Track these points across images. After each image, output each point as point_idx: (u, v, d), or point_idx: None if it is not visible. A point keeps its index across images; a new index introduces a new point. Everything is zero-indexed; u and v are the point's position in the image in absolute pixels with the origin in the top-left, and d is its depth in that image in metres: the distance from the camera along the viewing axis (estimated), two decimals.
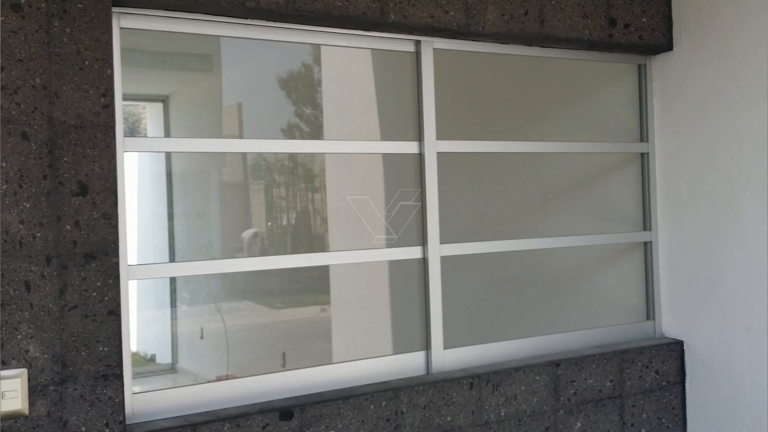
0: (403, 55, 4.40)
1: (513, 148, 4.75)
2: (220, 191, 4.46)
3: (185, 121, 4.39)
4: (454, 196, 4.56)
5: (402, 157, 4.42)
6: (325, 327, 4.56)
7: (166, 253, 4.32)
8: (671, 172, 5.05)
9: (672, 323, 5.10)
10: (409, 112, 4.42)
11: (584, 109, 5.15)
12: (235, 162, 4.37)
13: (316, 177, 4.50)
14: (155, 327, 4.49)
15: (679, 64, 4.98)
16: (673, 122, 5.03)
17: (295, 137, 4.34)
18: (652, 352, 4.90)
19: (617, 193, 5.22)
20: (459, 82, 4.66)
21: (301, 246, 4.47)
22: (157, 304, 4.39)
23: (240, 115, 4.31)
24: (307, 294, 4.51)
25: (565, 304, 5.08)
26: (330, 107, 4.44)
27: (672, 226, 5.06)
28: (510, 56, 4.74)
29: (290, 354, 4.37)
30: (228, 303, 4.39)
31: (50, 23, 3.29)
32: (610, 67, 5.17)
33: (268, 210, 4.39)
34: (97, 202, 3.34)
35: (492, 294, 4.85)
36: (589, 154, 5.10)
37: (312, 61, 4.37)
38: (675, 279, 5.06)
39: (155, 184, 4.33)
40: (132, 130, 3.95)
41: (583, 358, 4.65)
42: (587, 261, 5.18)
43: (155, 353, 4.46)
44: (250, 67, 4.24)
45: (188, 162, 4.31)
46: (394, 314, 4.66)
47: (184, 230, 4.35)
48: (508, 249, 4.70)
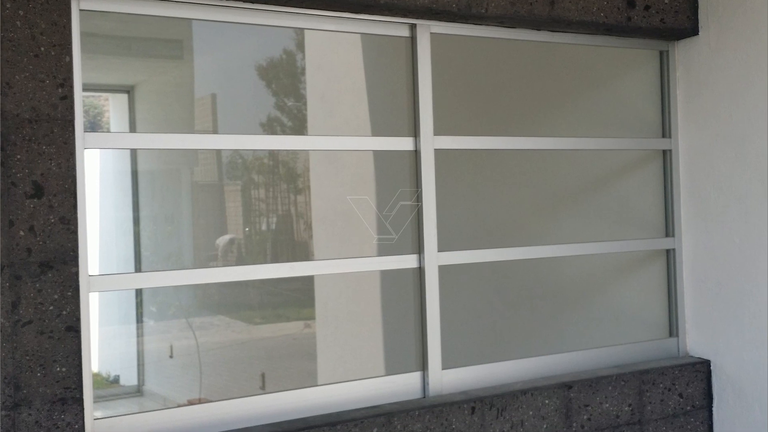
0: (396, 41, 4.42)
1: (519, 144, 4.77)
2: (191, 193, 4.49)
3: (153, 114, 4.42)
4: (453, 198, 4.58)
5: (396, 155, 4.43)
6: (310, 345, 4.59)
7: (131, 261, 4.35)
8: (697, 171, 5.08)
9: (698, 340, 5.12)
10: (404, 104, 4.43)
11: (599, 101, 5.18)
12: (209, 160, 4.40)
13: (299, 177, 4.54)
14: (119, 345, 4.52)
15: (705, 50, 5.00)
16: (699, 115, 5.06)
17: (275, 132, 4.38)
18: (675, 373, 4.93)
19: (636, 195, 5.25)
20: (459, 70, 4.69)
21: (283, 254, 4.50)
22: (122, 319, 4.42)
23: (214, 107, 4.34)
24: (290, 308, 4.54)
25: (578, 318, 5.11)
26: (315, 99, 4.47)
27: (698, 231, 5.09)
28: (516, 42, 4.76)
29: (270, 375, 4.41)
30: (201, 318, 4.42)
31: (2, 4, 3.30)
32: (628, 53, 5.20)
33: (246, 214, 4.42)
34: (54, 205, 3.37)
35: (496, 308, 4.88)
36: (604, 152, 5.12)
37: (295, 48, 4.40)
38: (701, 291, 5.08)
39: (119, 184, 4.36)
40: (93, 124, 3.98)
41: (598, 380, 4.68)
42: (603, 271, 5.21)
43: (119, 374, 4.49)
44: (225, 54, 4.27)
45: (156, 160, 4.34)
46: (387, 330, 4.69)
47: (151, 236, 4.38)
48: (514, 257, 4.71)
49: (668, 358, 5.12)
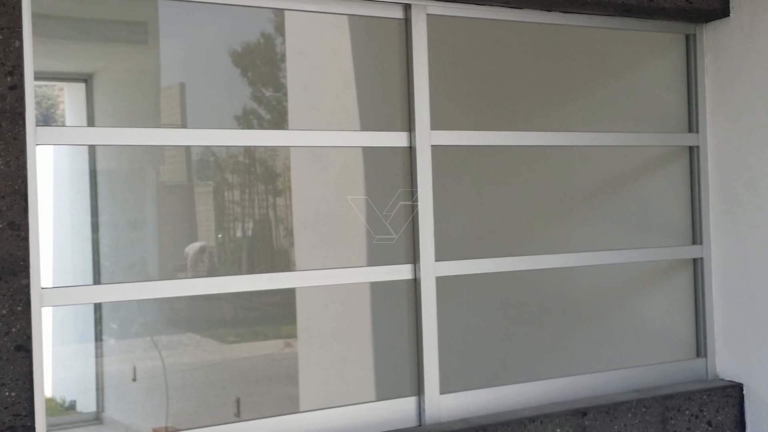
0: (389, 23, 4.43)
1: (527, 140, 4.78)
2: (157, 195, 4.51)
3: (114, 106, 4.44)
4: (453, 201, 4.60)
5: (388, 152, 4.45)
6: (291, 366, 4.61)
7: (89, 272, 4.37)
8: (728, 170, 5.10)
9: (729, 361, 5.14)
10: (397, 94, 4.45)
11: (617, 91, 5.20)
12: (177, 158, 4.42)
13: (278, 177, 4.56)
14: (76, 366, 4.53)
15: (737, 33, 5.02)
16: (730, 107, 5.08)
17: (252, 127, 4.40)
18: (703, 398, 4.95)
19: (659, 197, 5.27)
20: (459, 57, 4.71)
21: (261, 264, 4.52)
22: (78, 337, 4.44)
23: (183, 98, 4.36)
24: (268, 324, 4.56)
25: (593, 337, 5.13)
26: (296, 89, 4.49)
27: (728, 238, 5.11)
28: (523, 24, 4.77)
29: (246, 400, 4.42)
30: (168, 336, 4.44)
31: None
32: (650, 38, 5.23)
33: (219, 218, 4.44)
34: (3, 208, 3.38)
35: (501, 324, 4.89)
36: (623, 148, 5.15)
37: (274, 31, 4.43)
38: (732, 305, 5.10)
39: (76, 185, 4.38)
40: (46, 117, 4.00)
41: (617, 406, 4.69)
42: (621, 283, 5.23)
43: (75, 399, 4.50)
44: (195, 38, 4.29)
45: (117, 158, 4.36)
46: (378, 350, 4.71)
47: (112, 244, 4.39)
48: (521, 267, 4.73)
49: (695, 382, 5.13)
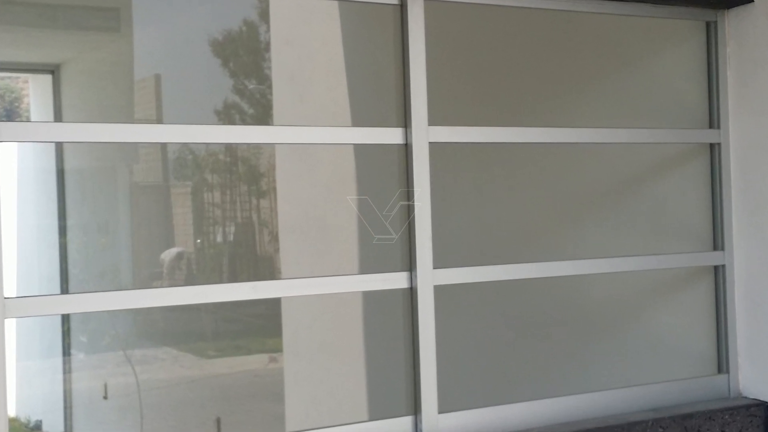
0: (382, 9, 4.44)
1: (532, 137, 4.77)
2: (131, 196, 4.52)
3: (83, 99, 4.45)
4: (452, 202, 4.62)
5: (382, 150, 4.46)
6: (276, 383, 4.62)
7: (56, 281, 4.37)
8: (752, 170, 5.10)
9: (753, 378, 5.16)
10: (392, 87, 4.46)
11: (631, 84, 5.22)
12: (152, 156, 4.43)
13: (263, 176, 4.57)
14: (42, 383, 4.54)
15: (762, 20, 5.03)
16: (754, 101, 5.08)
17: (234, 122, 4.41)
18: (725, 417, 4.96)
19: (677, 199, 5.29)
20: (459, 46, 4.73)
21: (243, 271, 4.53)
22: (45, 351, 4.44)
23: (158, 91, 4.37)
24: (251, 338, 4.57)
25: (605, 351, 5.14)
26: (282, 81, 4.50)
27: (753, 243, 5.11)
28: (529, 10, 4.76)
29: (227, 420, 4.43)
30: (142, 350, 4.44)
31: None
32: (667, 25, 5.24)
33: (197, 222, 4.45)
34: None
35: (504, 337, 4.91)
36: (637, 146, 5.16)
37: (257, 18, 4.44)
38: (757, 317, 5.11)
39: (42, 186, 4.38)
40: (9, 112, 4.01)
41: (631, 426, 4.71)
42: (636, 292, 5.25)
43: (42, 419, 4.51)
44: (172, 26, 4.30)
45: (88, 156, 4.37)
46: (371, 365, 4.72)
47: (81, 250, 4.40)
48: (526, 275, 4.72)
49: (717, 400, 5.14)
